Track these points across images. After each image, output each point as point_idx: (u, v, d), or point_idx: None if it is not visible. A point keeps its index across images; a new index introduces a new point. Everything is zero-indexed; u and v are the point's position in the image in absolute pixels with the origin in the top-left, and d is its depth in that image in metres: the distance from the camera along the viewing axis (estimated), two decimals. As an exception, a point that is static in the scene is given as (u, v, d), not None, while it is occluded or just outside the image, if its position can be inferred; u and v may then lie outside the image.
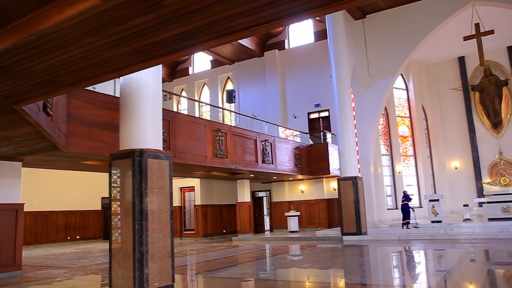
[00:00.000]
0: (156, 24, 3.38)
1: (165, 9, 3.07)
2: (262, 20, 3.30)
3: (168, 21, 3.33)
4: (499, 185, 19.47)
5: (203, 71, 24.97)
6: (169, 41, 3.77)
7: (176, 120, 11.31)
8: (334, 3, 2.86)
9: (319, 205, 19.27)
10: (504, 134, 20.16)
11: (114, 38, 3.60)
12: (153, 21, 3.29)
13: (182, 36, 3.67)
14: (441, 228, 14.29)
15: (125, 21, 3.23)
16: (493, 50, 19.68)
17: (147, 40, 3.70)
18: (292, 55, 21.75)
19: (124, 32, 3.44)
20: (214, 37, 3.62)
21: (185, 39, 3.75)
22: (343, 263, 9.92)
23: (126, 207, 6.15)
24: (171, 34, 3.61)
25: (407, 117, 20.87)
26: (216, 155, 12.64)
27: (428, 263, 9.92)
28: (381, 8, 17.62)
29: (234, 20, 3.26)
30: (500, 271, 8.03)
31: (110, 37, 3.56)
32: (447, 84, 21.52)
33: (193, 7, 3.05)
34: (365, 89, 17.49)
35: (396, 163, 19.54)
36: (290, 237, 16.76)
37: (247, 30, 3.43)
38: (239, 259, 11.67)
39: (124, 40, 3.64)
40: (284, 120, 20.99)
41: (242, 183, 18.25)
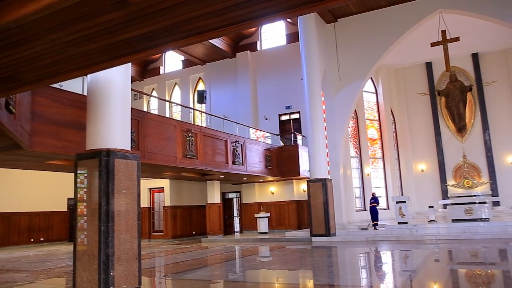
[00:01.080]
0: (123, 22, 3.31)
1: (132, 7, 3.01)
2: (232, 21, 3.28)
3: (135, 19, 3.27)
4: (462, 187, 20.08)
5: (175, 71, 24.75)
6: (137, 39, 3.70)
7: (145, 120, 11.14)
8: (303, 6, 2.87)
9: (289, 206, 19.37)
10: (468, 138, 20.82)
11: (80, 35, 3.51)
12: (120, 18, 3.23)
13: (150, 35, 3.61)
14: (407, 229, 14.59)
15: (91, 18, 3.15)
16: (459, 56, 20.30)
17: (114, 38, 3.62)
18: (264, 57, 21.82)
19: (90, 29, 3.36)
20: (182, 36, 3.58)
21: (153, 38, 3.69)
22: (312, 264, 9.99)
23: (93, 208, 6.01)
24: (139, 33, 3.55)
25: (376, 120, 21.26)
26: (186, 155, 12.53)
27: (395, 263, 10.10)
28: (352, 12, 17.91)
29: (203, 20, 3.23)
30: (462, 270, 8.26)
31: (75, 34, 3.47)
32: (415, 88, 22.07)
33: (161, 6, 3.00)
34: (335, 92, 17.72)
35: (365, 165, 19.87)
36: (260, 239, 16.77)
37: (216, 30, 3.41)
38: (208, 260, 11.59)
39: (90, 37, 3.55)
40: (255, 121, 21.02)
41: (212, 184, 18.16)
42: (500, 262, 9.16)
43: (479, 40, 19.30)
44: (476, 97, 20.83)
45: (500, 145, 20.26)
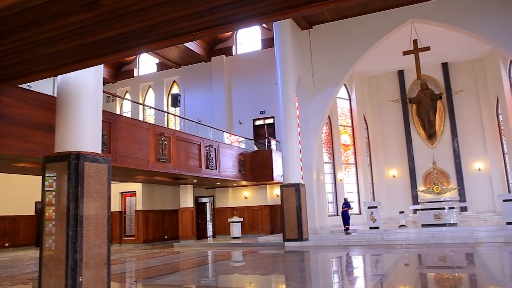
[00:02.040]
0: (95, 23, 3.26)
1: (104, 8, 2.97)
2: (205, 25, 3.27)
3: (107, 21, 3.22)
4: (432, 193, 20.51)
5: (149, 74, 24.49)
6: (109, 41, 3.65)
7: (118, 122, 10.96)
8: (277, 12, 2.89)
9: (262, 211, 19.38)
10: (437, 145, 21.32)
11: (49, 35, 3.43)
12: (92, 20, 3.18)
13: (122, 37, 3.57)
14: (378, 234, 14.81)
15: (60, 18, 3.09)
16: (429, 65, 20.80)
17: (86, 39, 3.56)
18: (239, 62, 21.84)
19: (60, 29, 3.29)
20: (155, 39, 3.55)
21: (125, 40, 3.65)
22: (284, 269, 10.01)
23: (61, 212, 5.87)
24: (111, 35, 3.50)
25: (349, 126, 21.54)
26: (159, 159, 12.39)
27: (366, 267, 10.23)
28: (327, 19, 18.12)
29: (176, 23, 3.21)
30: (431, 274, 8.43)
31: (45, 34, 3.40)
32: (387, 95, 22.47)
33: (133, 8, 2.97)
34: (309, 98, 17.87)
35: (337, 171, 20.09)
36: (233, 243, 16.72)
37: (190, 34, 3.39)
38: (180, 265, 11.48)
39: (60, 37, 3.48)
40: (229, 126, 20.98)
41: (185, 188, 18.02)
42: (467, 266, 9.40)
43: (449, 50, 19.83)
44: (446, 105, 21.36)
45: (467, 152, 20.82)
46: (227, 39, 22.38)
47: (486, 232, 13.60)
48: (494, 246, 12.02)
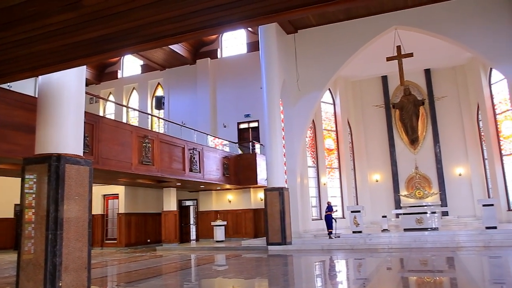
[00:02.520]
0: (76, 24, 3.21)
1: (85, 9, 2.93)
2: (189, 27, 3.25)
3: (89, 21, 3.18)
4: (414, 197, 20.74)
5: (133, 76, 24.31)
6: (91, 42, 3.60)
7: (100, 124, 10.84)
8: (261, 16, 2.89)
9: (245, 215, 19.36)
10: (420, 150, 21.58)
11: (30, 35, 3.37)
12: (73, 20, 3.13)
13: (105, 38, 3.52)
14: (361, 238, 14.90)
15: (41, 18, 3.03)
16: (412, 71, 21.06)
17: (67, 39, 3.50)
18: (224, 65, 21.83)
19: (41, 29, 3.23)
20: (139, 41, 3.51)
21: (108, 41, 3.60)
22: (268, 272, 10.00)
23: (41, 215, 5.77)
24: (94, 36, 3.45)
25: (333, 131, 21.66)
26: (142, 162, 12.29)
27: (349, 271, 10.28)
28: (312, 24, 18.22)
29: (160, 26, 3.18)
30: (412, 278, 8.51)
31: (25, 34, 3.33)
32: (371, 100, 22.67)
33: (115, 9, 2.94)
34: (294, 102, 17.93)
35: (321, 175, 20.17)
36: (216, 247, 16.65)
37: (174, 37, 3.36)
38: (163, 269, 11.37)
39: (41, 38, 3.42)
40: (213, 129, 20.93)
41: (169, 191, 17.90)
42: (447, 270, 9.51)
43: (431, 57, 20.10)
44: (428, 111, 21.64)
45: (449, 158, 21.12)
46: (213, 42, 22.36)
47: (466, 237, 13.80)
48: (474, 250, 12.20)
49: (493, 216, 14.31)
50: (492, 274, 8.81)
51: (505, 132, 18.99)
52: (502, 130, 19.15)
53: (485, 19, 15.89)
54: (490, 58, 15.93)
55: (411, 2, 16.57)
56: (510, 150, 18.71)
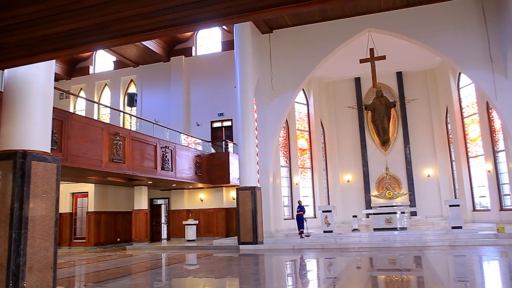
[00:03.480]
0: (44, 17, 3.12)
1: (53, 1, 2.85)
2: (161, 24, 3.20)
3: (58, 15, 3.09)
4: (384, 198, 21.11)
5: (105, 72, 23.85)
6: (60, 36, 3.50)
7: (70, 120, 10.60)
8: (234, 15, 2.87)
9: (217, 214, 19.30)
10: (390, 151, 21.98)
11: (-6, 27, 3.26)
12: (41, 13, 3.04)
13: (74, 33, 3.43)
14: (331, 237, 15.06)
15: (5, 9, 2.93)
16: (385, 74, 21.42)
17: (34, 33, 3.40)
18: (199, 63, 21.70)
19: (5, 21, 3.13)
20: (109, 37, 3.43)
21: (78, 36, 3.51)
22: (239, 272, 9.99)
23: (5, 213, 5.58)
24: (62, 29, 3.36)
25: (306, 131, 21.82)
26: (113, 160, 12.08)
27: (319, 270, 10.37)
28: (287, 24, 18.29)
29: (131, 21, 3.12)
30: (381, 277, 8.65)
31: (-11, 26, 3.22)
32: (344, 102, 22.94)
33: (85, 3, 2.87)
34: (268, 102, 17.96)
35: (294, 175, 20.29)
36: (187, 246, 16.53)
37: (145, 33, 3.31)
38: (133, 269, 11.21)
39: (6, 30, 3.31)
40: (187, 127, 20.78)
41: (140, 190, 17.66)
42: (414, 269, 9.71)
43: (403, 60, 20.49)
44: (399, 113, 22.06)
45: (418, 159, 21.59)
46: (187, 40, 22.18)
47: (433, 236, 14.15)
48: (440, 249, 12.51)
49: (459, 216, 14.72)
50: (456, 273, 9.05)
51: (471, 135, 19.57)
52: (469, 133, 19.73)
53: (455, 26, 16.31)
54: (459, 63, 16.36)
55: (385, 6, 16.85)
56: (476, 153, 19.29)
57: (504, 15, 15.16)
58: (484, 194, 18.87)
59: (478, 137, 19.11)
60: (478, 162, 19.16)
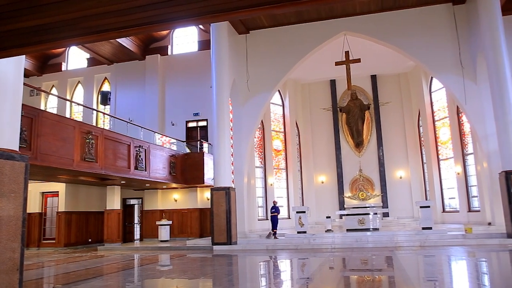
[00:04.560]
0: (11, 11, 3.03)
1: (20, -5, 2.77)
2: (134, 22, 3.16)
3: (26, 9, 3.02)
4: (357, 199, 21.39)
5: (79, 69, 23.39)
6: (28, 31, 3.41)
7: (40, 118, 10.35)
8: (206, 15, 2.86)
9: (191, 214, 19.19)
10: (364, 153, 22.30)
11: (-42, 21, 3.14)
12: (8, 7, 2.95)
13: (44, 28, 3.35)
14: (305, 238, 15.16)
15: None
16: (360, 76, 21.74)
17: (1, 27, 3.30)
18: (175, 62, 21.53)
19: (-30, 15, 3.03)
20: (80, 34, 3.36)
21: (47, 31, 3.42)
22: (212, 272, 9.93)
23: (-31, 213, 5.40)
24: (31, 24, 3.28)
25: (281, 132, 21.91)
26: (85, 159, 11.85)
27: (292, 271, 10.41)
28: (264, 25, 18.31)
29: (102, 18, 3.07)
30: (353, 277, 8.75)
31: (-47, 19, 3.11)
32: (319, 103, 23.15)
33: (54, -2, 2.80)
34: (243, 102, 17.96)
35: (268, 176, 20.35)
36: (160, 247, 16.37)
37: (117, 31, 3.25)
38: (104, 270, 11.02)
39: (-29, 24, 3.20)
40: (161, 126, 20.59)
41: (112, 189, 17.39)
42: (386, 269, 9.86)
43: (377, 63, 20.82)
44: (373, 116, 22.41)
45: (391, 161, 21.98)
46: (163, 38, 21.98)
47: (404, 237, 14.40)
48: (411, 250, 12.74)
49: (429, 217, 15.04)
50: (426, 272, 9.24)
51: (442, 138, 20.04)
52: (440, 136, 20.20)
53: (428, 32, 16.68)
54: (431, 68, 16.72)
55: (360, 10, 17.09)
56: (446, 155, 19.76)
57: (474, 23, 15.58)
58: (453, 196, 19.35)
59: (448, 140, 19.58)
60: (448, 164, 19.63)
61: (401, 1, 16.61)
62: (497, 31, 13.99)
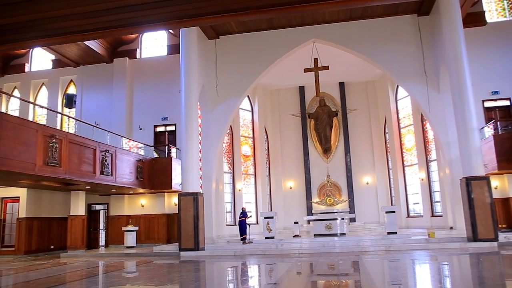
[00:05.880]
0: (-31, 11, 2.92)
1: (-21, -5, 2.68)
2: (99, 26, 3.11)
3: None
4: (325, 204, 21.64)
5: (43, 70, 22.74)
6: (-13, 32, 3.30)
7: (1, 121, 10.01)
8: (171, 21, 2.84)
9: (159, 220, 18.93)
10: (332, 159, 22.61)
11: None
12: (-35, 6, 2.84)
13: (4, 29, 3.25)
14: (273, 243, 15.20)
15: None
16: (328, 83, 22.08)
17: (-42, 27, 3.18)
18: (143, 66, 21.27)
19: None
20: (42, 35, 3.29)
21: (8, 32, 3.33)
22: (179, 279, 9.81)
23: None
24: (-10, 25, 3.17)
25: (250, 137, 21.95)
26: (48, 163, 11.52)
27: (260, 276, 10.40)
28: (234, 31, 18.34)
29: (66, 21, 3.01)
30: (321, 281, 8.82)
31: None
32: (288, 109, 23.36)
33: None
34: (212, 107, 17.90)
35: (237, 181, 20.33)
36: (126, 253, 16.05)
37: (81, 34, 3.20)
38: (66, 277, 10.70)
39: None
40: (129, 131, 20.27)
41: (77, 194, 16.96)
42: (352, 273, 9.98)
43: (346, 71, 21.19)
44: (341, 122, 22.77)
45: (358, 167, 22.37)
46: (132, 42, 21.69)
47: (370, 242, 14.65)
48: (377, 254, 12.96)
49: (394, 223, 15.37)
50: (391, 276, 9.41)
51: (407, 144, 20.57)
52: (405, 143, 20.73)
53: (394, 41, 17.13)
54: (397, 76, 17.15)
55: (329, 18, 17.37)
56: (411, 162, 20.27)
57: (438, 34, 16.11)
58: (417, 201, 19.85)
59: (413, 147, 20.11)
60: (413, 170, 20.15)
61: (369, 11, 17.00)
62: (459, 42, 14.51)
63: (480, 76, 17.71)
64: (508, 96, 17.95)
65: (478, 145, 14.10)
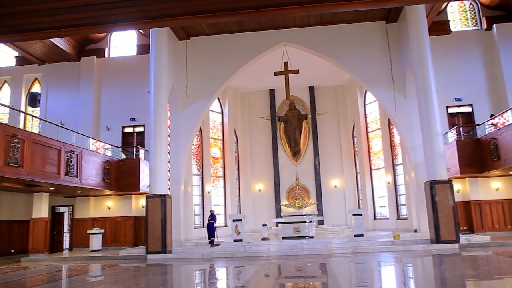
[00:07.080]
0: None
1: None
2: (64, 23, 3.03)
3: None
4: (294, 207, 21.72)
5: (5, 67, 21.99)
6: None
7: (-41, 119, 9.60)
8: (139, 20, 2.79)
9: (126, 222, 18.60)
10: (301, 162, 22.79)
11: None
12: None
13: (-39, 24, 3.11)
14: (241, 246, 15.17)
15: None
16: (298, 87, 22.26)
17: None
18: (112, 65, 20.89)
19: None
20: (3, 31, 3.17)
21: (-34, 28, 3.19)
22: (145, 282, 9.65)
23: None
24: None
25: (220, 140, 21.88)
26: (9, 163, 11.13)
27: (228, 279, 10.35)
28: (205, 33, 18.25)
29: (27, 17, 2.91)
30: (288, 284, 8.85)
31: None
32: (258, 112, 23.42)
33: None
34: (182, 109, 17.74)
35: (206, 183, 20.21)
36: (91, 257, 15.68)
37: (44, 31, 3.09)
38: (27, 283, 10.36)
39: None
40: (96, 131, 19.85)
41: (40, 196, 16.45)
42: (320, 275, 10.07)
43: (315, 75, 21.43)
44: (310, 126, 22.99)
45: (326, 170, 22.63)
46: (100, 40, 21.28)
47: (338, 244, 14.83)
48: (344, 256, 13.13)
49: (361, 225, 15.60)
50: (357, 278, 9.54)
51: (374, 148, 20.96)
52: (372, 147, 21.11)
53: (363, 47, 17.43)
54: (365, 82, 17.46)
55: (300, 22, 17.53)
56: (378, 165, 20.67)
57: (404, 41, 16.51)
58: (384, 204, 20.24)
59: (380, 150, 20.50)
60: (380, 174, 20.54)
61: (338, 16, 17.25)
62: (425, 50, 14.91)
63: (445, 83, 18.29)
64: (470, 102, 18.61)
65: (442, 150, 14.52)
